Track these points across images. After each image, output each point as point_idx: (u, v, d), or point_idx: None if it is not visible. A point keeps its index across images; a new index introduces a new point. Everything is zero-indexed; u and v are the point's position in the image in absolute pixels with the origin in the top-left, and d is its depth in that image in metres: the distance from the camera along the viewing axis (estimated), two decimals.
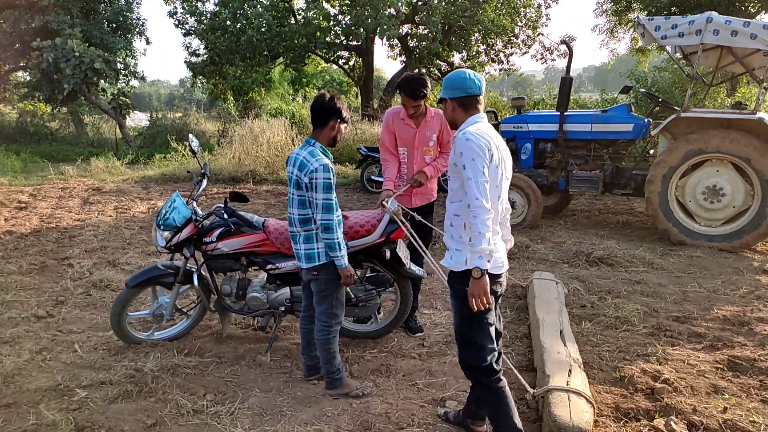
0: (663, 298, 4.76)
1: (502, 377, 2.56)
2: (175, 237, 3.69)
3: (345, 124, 3.21)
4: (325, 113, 3.14)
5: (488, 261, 2.28)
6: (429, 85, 3.73)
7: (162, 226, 3.70)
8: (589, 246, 6.20)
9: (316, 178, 2.95)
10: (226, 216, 3.73)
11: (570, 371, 3.07)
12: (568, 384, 2.94)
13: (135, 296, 3.87)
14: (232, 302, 3.84)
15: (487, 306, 2.33)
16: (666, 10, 14.27)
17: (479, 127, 2.44)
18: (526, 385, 3.10)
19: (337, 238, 3.01)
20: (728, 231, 6.33)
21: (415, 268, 3.85)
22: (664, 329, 4.10)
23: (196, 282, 3.77)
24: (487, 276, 2.28)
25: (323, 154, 3.09)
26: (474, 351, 2.50)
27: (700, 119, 6.39)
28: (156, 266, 3.81)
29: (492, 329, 2.50)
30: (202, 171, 4.06)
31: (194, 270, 3.83)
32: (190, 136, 4.15)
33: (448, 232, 2.54)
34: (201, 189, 3.96)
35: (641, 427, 2.87)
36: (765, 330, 4.05)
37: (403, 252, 3.79)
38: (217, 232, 3.70)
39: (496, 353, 2.56)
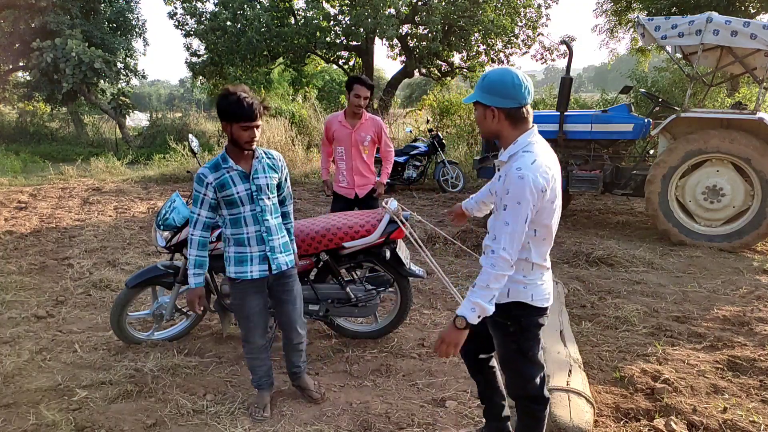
0: (663, 298, 4.76)
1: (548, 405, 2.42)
2: (174, 237, 3.69)
3: (243, 124, 2.65)
4: (219, 114, 2.72)
5: (478, 316, 2.04)
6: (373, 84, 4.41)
7: (162, 227, 3.69)
8: (589, 246, 6.20)
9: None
10: None
11: (570, 371, 3.07)
12: (568, 384, 2.94)
13: (135, 296, 3.86)
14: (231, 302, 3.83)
15: (453, 355, 2.12)
16: (666, 11, 14.28)
17: (537, 153, 2.04)
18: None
19: (191, 255, 2.84)
20: (728, 231, 6.33)
21: (414, 268, 3.85)
22: (664, 329, 4.10)
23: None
24: (467, 331, 2.07)
25: (216, 162, 2.78)
26: (522, 382, 2.32)
27: (700, 119, 6.40)
28: (156, 266, 3.81)
29: (540, 356, 2.31)
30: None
31: None
32: (190, 136, 4.15)
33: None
34: None
35: (641, 427, 2.88)
36: (765, 330, 4.05)
37: (403, 252, 3.79)
38: (217, 232, 3.69)
39: (545, 378, 2.36)
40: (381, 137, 4.54)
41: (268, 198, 2.86)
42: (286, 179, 3.01)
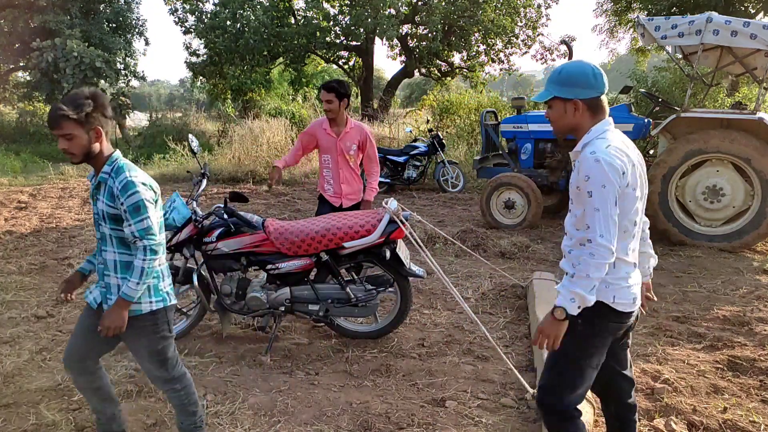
0: (663, 298, 4.76)
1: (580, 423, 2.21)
2: (174, 237, 3.69)
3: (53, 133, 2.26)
4: None
5: (578, 307, 1.95)
6: (345, 89, 4.18)
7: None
8: None
9: None
10: (225, 216, 3.72)
11: None
12: None
13: None
14: (231, 302, 3.83)
15: (554, 348, 2.03)
16: (666, 11, 14.28)
17: (611, 140, 2.00)
18: (526, 385, 3.10)
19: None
20: (728, 231, 6.33)
21: (414, 268, 3.85)
22: (664, 329, 4.10)
23: (195, 282, 3.76)
24: (567, 322, 1.98)
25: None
26: (561, 389, 2.13)
27: (700, 119, 6.39)
28: None
29: (593, 374, 2.13)
30: (202, 171, 4.04)
31: (194, 270, 3.82)
32: (190, 136, 4.14)
33: (568, 258, 2.13)
34: (201, 189, 3.94)
35: (641, 427, 2.87)
36: (765, 330, 4.05)
37: (403, 252, 3.79)
38: (216, 233, 3.69)
39: (581, 400, 2.18)
40: (365, 146, 4.33)
41: (108, 227, 2.33)
42: (128, 213, 2.25)
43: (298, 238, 3.64)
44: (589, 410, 2.79)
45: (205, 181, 3.99)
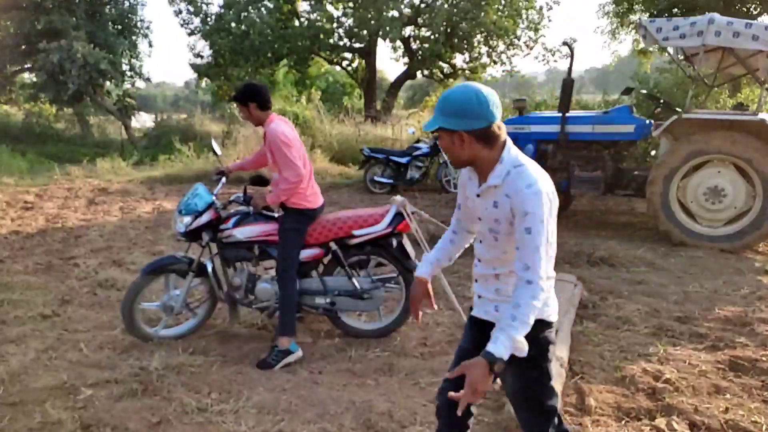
0: (664, 299, 4.77)
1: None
2: (195, 221, 3.79)
3: None
4: None
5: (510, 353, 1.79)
6: (249, 92, 3.62)
7: (183, 212, 3.81)
8: (590, 246, 6.21)
9: None
10: (243, 203, 3.83)
11: None
12: None
13: (149, 283, 3.92)
14: (241, 296, 3.93)
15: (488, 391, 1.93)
16: (667, 12, 14.27)
17: (528, 164, 1.87)
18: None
19: None
20: (730, 232, 6.34)
21: (419, 263, 3.91)
22: (666, 329, 4.11)
23: (210, 270, 3.88)
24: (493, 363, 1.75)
25: None
26: (545, 418, 2.04)
27: (702, 120, 6.40)
28: (173, 255, 3.97)
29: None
30: (222, 170, 4.18)
31: (209, 261, 3.95)
32: (213, 141, 4.37)
33: (491, 283, 2.03)
34: (219, 186, 4.09)
35: (642, 427, 2.89)
36: (767, 330, 4.06)
37: (408, 246, 3.93)
38: (233, 219, 3.84)
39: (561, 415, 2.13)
40: (274, 153, 3.63)
41: None
42: None
43: (309, 227, 3.78)
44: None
45: (224, 179, 4.12)
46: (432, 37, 18.04)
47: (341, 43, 19.01)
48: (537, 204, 1.79)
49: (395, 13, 17.47)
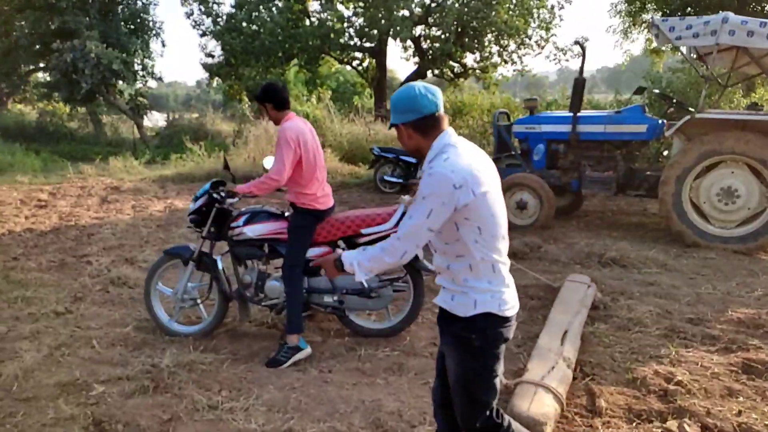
0: (676, 300, 4.73)
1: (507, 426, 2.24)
2: (194, 204, 3.98)
3: None
4: None
5: (364, 274, 2.13)
6: (266, 93, 3.70)
7: (194, 198, 4.06)
8: (601, 247, 6.17)
9: None
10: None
11: (552, 368, 3.12)
12: (542, 378, 2.99)
13: (167, 263, 4.10)
14: (251, 294, 3.98)
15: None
16: (680, 11, 14.15)
17: (450, 154, 2.00)
18: (503, 378, 3.12)
19: None
20: (743, 233, 6.26)
21: (427, 263, 3.92)
22: (678, 331, 4.08)
23: (220, 265, 3.99)
24: (339, 265, 2.18)
25: None
26: (478, 410, 2.13)
27: (715, 120, 6.34)
28: (188, 246, 4.16)
29: (498, 381, 2.16)
30: (234, 191, 4.22)
31: (219, 258, 4.06)
32: (224, 156, 4.84)
33: (446, 274, 2.13)
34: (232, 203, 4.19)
35: (654, 429, 2.87)
36: None
37: None
38: (244, 217, 3.92)
39: (498, 410, 2.21)
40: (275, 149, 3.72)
41: None
42: None
43: (318, 225, 3.82)
44: (551, 405, 2.84)
45: (237, 199, 4.17)
46: (442, 36, 17.99)
47: (352, 42, 19.01)
48: (426, 183, 1.98)
49: (406, 13, 17.44)
